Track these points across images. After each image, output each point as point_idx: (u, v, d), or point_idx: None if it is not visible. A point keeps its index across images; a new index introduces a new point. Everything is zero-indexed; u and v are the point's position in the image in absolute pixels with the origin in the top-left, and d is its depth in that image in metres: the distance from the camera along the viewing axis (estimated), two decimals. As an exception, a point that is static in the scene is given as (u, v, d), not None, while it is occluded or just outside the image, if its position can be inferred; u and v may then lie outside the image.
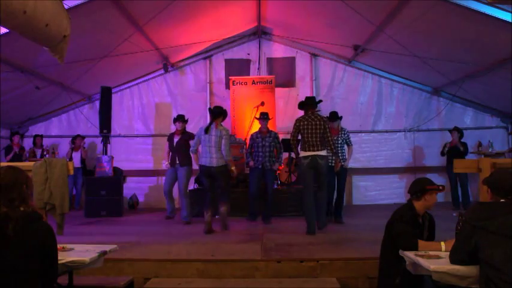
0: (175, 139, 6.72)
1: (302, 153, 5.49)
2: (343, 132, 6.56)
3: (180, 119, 6.81)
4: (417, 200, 2.98)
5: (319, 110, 5.85)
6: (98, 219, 7.15)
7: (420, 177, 3.29)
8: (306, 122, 5.51)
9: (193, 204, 6.98)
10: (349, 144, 6.61)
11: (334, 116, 6.58)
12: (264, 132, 6.61)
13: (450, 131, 8.06)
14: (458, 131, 7.91)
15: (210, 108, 6.35)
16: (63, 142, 9.09)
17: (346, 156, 6.58)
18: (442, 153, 8.02)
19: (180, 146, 6.63)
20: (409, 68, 8.34)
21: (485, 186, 2.46)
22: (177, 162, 6.59)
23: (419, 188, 2.99)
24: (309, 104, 5.67)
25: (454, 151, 7.71)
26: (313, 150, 5.41)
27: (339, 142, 6.45)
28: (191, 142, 6.24)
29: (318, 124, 5.47)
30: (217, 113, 5.72)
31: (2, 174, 2.05)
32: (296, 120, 5.66)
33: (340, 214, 6.44)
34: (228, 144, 5.65)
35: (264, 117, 6.65)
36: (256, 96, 8.52)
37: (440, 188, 2.98)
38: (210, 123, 5.71)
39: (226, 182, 5.76)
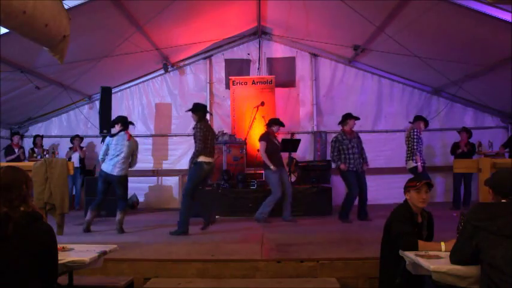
0: None
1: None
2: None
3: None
4: (408, 199, 3.01)
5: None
6: (98, 219, 7.13)
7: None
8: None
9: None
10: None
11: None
12: (350, 133, 6.57)
13: (459, 131, 8.06)
14: (467, 131, 7.91)
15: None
16: (63, 142, 9.09)
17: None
18: (453, 153, 8.00)
19: None
20: (409, 68, 8.34)
21: (486, 186, 2.46)
22: None
23: (404, 187, 3.06)
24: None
25: (463, 152, 7.73)
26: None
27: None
28: None
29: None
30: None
31: (2, 174, 2.04)
32: None
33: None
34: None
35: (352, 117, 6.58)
36: (256, 96, 8.53)
37: (417, 184, 2.96)
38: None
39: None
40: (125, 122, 6.07)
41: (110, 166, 5.77)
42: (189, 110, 5.81)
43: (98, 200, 5.94)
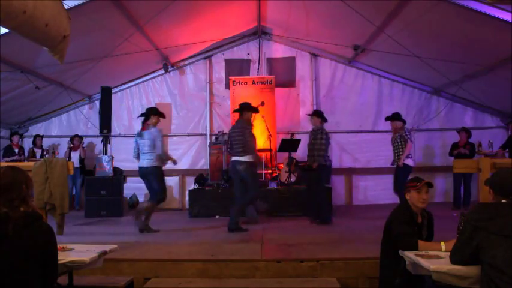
0: None
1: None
2: (403, 131, 6.52)
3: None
4: (409, 199, 3.01)
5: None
6: (98, 219, 7.15)
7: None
8: (231, 129, 6.02)
9: (194, 203, 6.98)
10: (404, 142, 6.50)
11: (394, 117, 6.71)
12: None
13: (458, 131, 8.06)
14: (466, 131, 7.91)
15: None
16: (63, 142, 9.08)
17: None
18: (451, 154, 8.00)
19: None
20: (409, 68, 8.34)
21: (486, 186, 2.46)
22: None
23: (405, 187, 3.06)
24: (238, 110, 6.02)
25: (462, 152, 7.74)
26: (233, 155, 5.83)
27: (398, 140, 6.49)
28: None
29: (238, 130, 5.82)
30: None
31: (2, 174, 2.04)
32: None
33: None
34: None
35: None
36: (256, 96, 8.49)
37: (418, 184, 2.96)
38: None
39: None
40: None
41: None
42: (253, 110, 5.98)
43: None
